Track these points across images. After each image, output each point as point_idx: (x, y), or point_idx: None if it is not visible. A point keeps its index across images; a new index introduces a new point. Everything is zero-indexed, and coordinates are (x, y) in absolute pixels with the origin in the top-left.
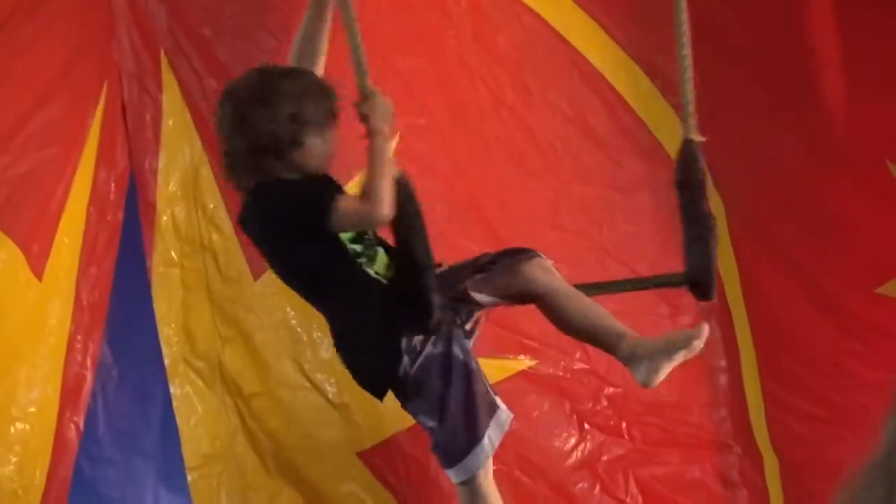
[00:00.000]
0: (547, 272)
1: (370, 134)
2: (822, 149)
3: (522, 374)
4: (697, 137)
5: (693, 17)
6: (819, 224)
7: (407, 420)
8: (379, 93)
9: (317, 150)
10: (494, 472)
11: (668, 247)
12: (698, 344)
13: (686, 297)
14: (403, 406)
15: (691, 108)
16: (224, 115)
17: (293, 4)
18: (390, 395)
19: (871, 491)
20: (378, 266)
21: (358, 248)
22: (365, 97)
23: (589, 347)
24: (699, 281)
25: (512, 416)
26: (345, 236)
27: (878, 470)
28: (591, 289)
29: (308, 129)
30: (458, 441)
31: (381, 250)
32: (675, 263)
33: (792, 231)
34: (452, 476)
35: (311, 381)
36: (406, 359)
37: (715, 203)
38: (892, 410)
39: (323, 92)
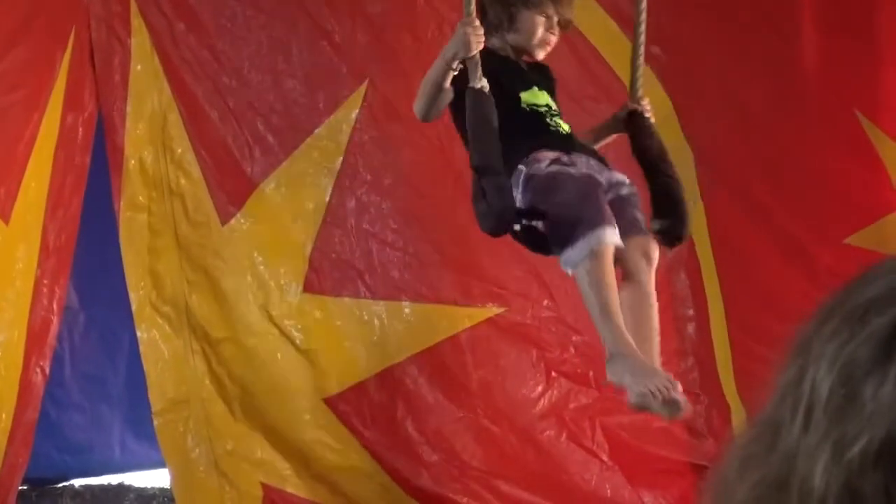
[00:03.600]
0: (647, 261)
1: None
2: (792, 98)
3: (490, 322)
4: (642, 109)
5: None
6: (788, 174)
7: (374, 366)
8: (464, 23)
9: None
10: (460, 418)
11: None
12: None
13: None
14: None
15: (640, 80)
16: None
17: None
18: None
19: (756, 443)
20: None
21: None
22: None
23: (557, 295)
24: (671, 227)
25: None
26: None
27: (764, 422)
28: None
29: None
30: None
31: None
32: (644, 210)
33: (761, 180)
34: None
35: (277, 327)
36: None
37: (683, 152)
38: (785, 362)
39: None
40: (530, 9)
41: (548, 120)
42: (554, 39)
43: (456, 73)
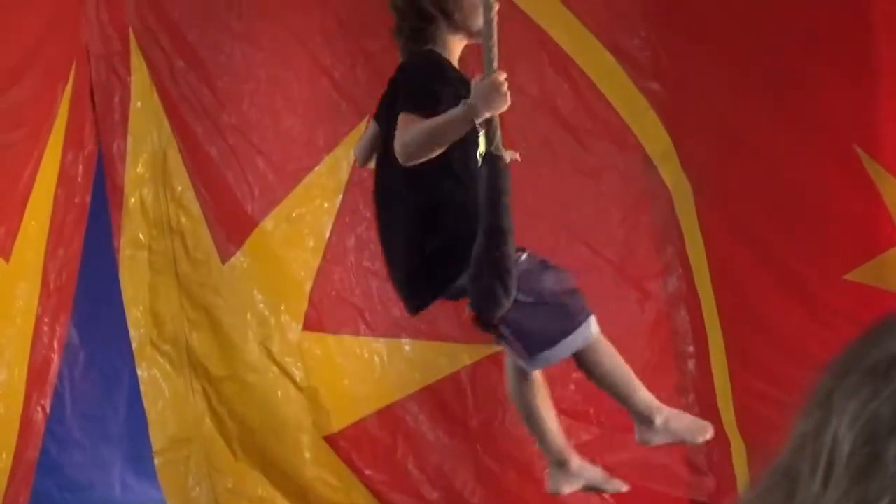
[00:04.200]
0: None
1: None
2: (792, 134)
3: (491, 359)
4: (503, 153)
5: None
6: (788, 209)
7: (374, 404)
8: (492, 79)
9: None
10: (461, 455)
11: (637, 230)
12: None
13: (654, 281)
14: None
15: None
16: None
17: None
18: None
19: (771, 494)
20: None
21: None
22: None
23: None
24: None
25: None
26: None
27: (780, 472)
28: None
29: None
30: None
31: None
32: (642, 247)
33: (761, 216)
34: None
35: (278, 365)
36: None
37: (683, 186)
38: (801, 411)
39: None
40: None
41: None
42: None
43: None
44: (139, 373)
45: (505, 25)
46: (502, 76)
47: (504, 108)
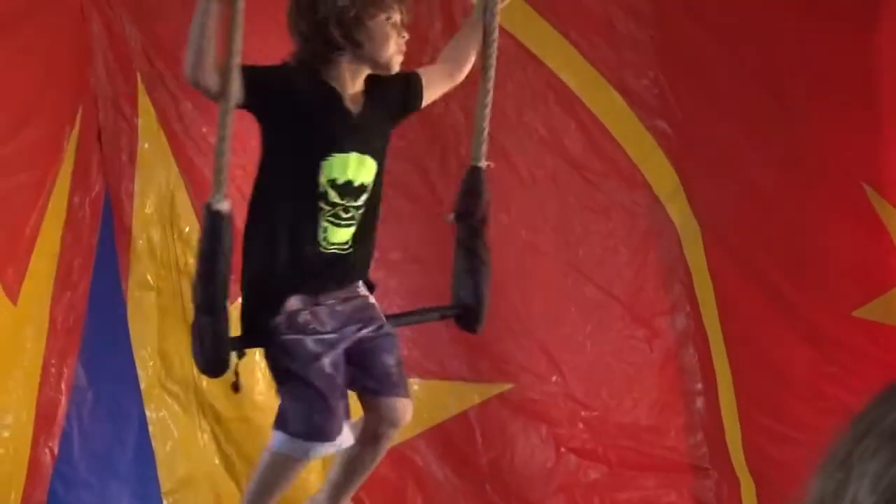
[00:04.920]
0: (392, 429)
1: None
2: (798, 171)
3: (499, 398)
4: (483, 164)
5: (666, 39)
6: (795, 247)
7: None
8: None
9: None
10: (469, 495)
11: (645, 268)
12: None
13: (662, 319)
14: None
15: (485, 134)
16: None
17: (267, 28)
18: None
19: None
20: (335, 235)
21: (338, 200)
22: None
23: (565, 370)
24: (468, 313)
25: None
26: (332, 176)
27: None
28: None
29: None
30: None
31: (352, 229)
32: (650, 285)
33: (768, 254)
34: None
35: None
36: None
37: (690, 226)
38: (819, 470)
39: None
40: (378, 12)
41: (330, 219)
42: (404, 44)
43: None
44: (148, 413)
45: (513, 66)
46: None
47: None
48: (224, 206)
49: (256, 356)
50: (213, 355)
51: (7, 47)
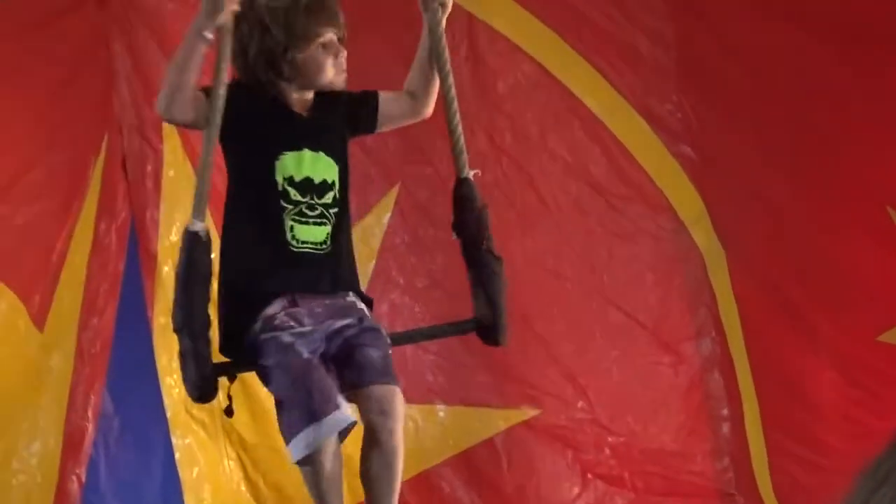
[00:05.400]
0: (384, 416)
1: None
2: (823, 196)
3: (525, 424)
4: (470, 174)
5: (690, 64)
6: (820, 271)
7: (409, 470)
8: None
9: None
10: None
11: (670, 293)
12: None
13: (688, 344)
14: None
15: (461, 145)
16: None
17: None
18: None
19: None
20: (304, 233)
21: (300, 197)
22: None
23: (592, 396)
24: (486, 326)
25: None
26: (288, 174)
27: None
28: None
29: None
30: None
31: (326, 227)
32: (675, 310)
33: (793, 278)
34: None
35: None
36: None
37: (715, 250)
38: (862, 486)
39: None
40: (308, 43)
41: (295, 217)
42: (344, 60)
43: (209, 42)
44: (174, 440)
45: (537, 90)
46: None
47: (216, 10)
48: (202, 228)
49: None
50: (197, 380)
51: (33, 75)
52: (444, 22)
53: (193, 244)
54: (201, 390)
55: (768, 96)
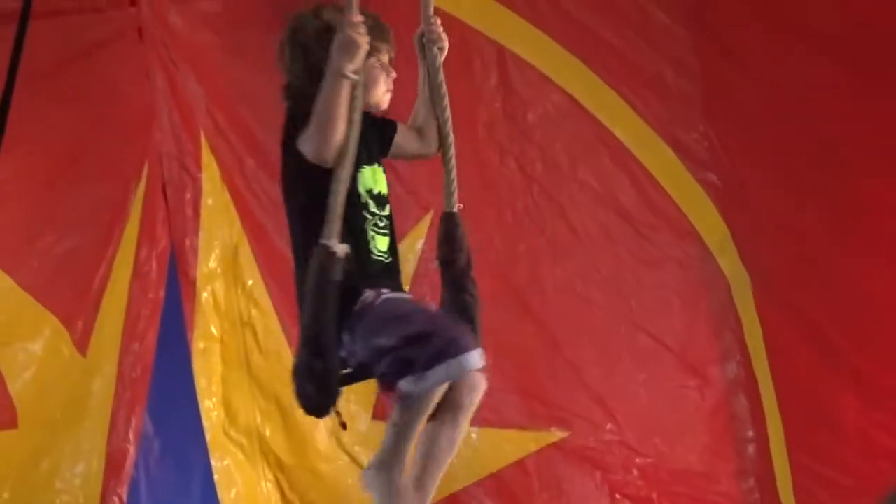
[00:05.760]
0: (470, 398)
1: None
2: (844, 221)
3: (554, 446)
4: (456, 209)
5: (715, 94)
6: (843, 296)
7: (441, 491)
8: (351, 25)
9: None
10: None
11: (697, 318)
12: None
13: (714, 368)
14: None
15: (454, 181)
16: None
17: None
18: None
19: None
20: (380, 243)
21: (376, 209)
22: (341, 26)
23: (620, 418)
24: None
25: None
26: (367, 186)
27: None
28: None
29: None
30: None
31: (388, 238)
32: (701, 334)
33: (817, 303)
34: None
35: (348, 454)
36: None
37: (740, 276)
38: None
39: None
40: (368, 56)
41: (374, 228)
42: (392, 81)
43: (353, 81)
44: (213, 462)
45: (566, 120)
46: (354, 18)
47: (355, 51)
48: (338, 247)
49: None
50: (323, 396)
51: (76, 105)
52: (441, 62)
53: (327, 259)
54: (325, 407)
55: (792, 124)
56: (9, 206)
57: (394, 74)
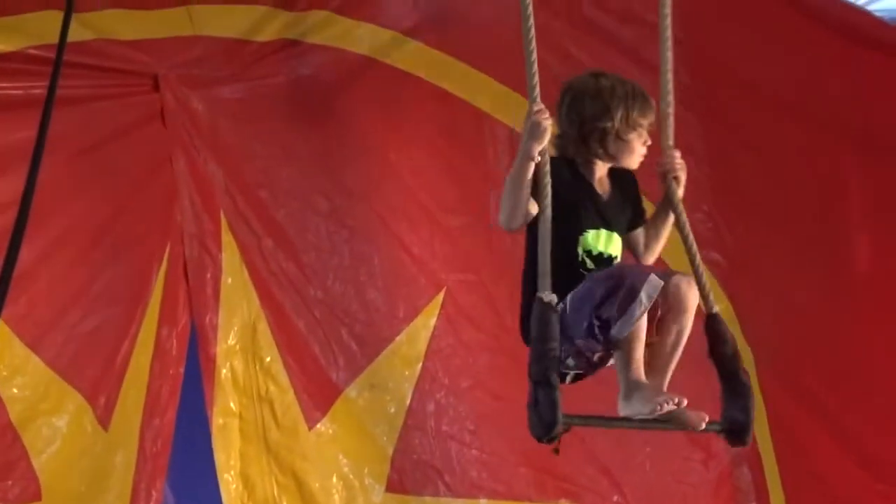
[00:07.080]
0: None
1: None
2: (846, 298)
3: None
4: (716, 310)
5: (720, 175)
6: (844, 370)
7: None
8: (530, 112)
9: None
10: None
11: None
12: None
13: (718, 441)
14: None
15: (707, 285)
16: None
17: (346, 167)
18: None
19: None
20: None
21: (593, 266)
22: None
23: (626, 488)
24: (737, 430)
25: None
26: (588, 248)
27: None
28: (617, 422)
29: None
30: None
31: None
32: (707, 410)
33: (817, 375)
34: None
35: None
36: None
37: (744, 352)
38: None
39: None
40: (635, 129)
41: None
42: (645, 149)
43: (537, 161)
44: None
45: None
46: (537, 106)
47: (542, 134)
48: (552, 298)
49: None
50: (551, 420)
51: (101, 188)
52: (681, 194)
53: (546, 311)
54: (552, 430)
55: (796, 207)
56: (36, 285)
57: (649, 142)
